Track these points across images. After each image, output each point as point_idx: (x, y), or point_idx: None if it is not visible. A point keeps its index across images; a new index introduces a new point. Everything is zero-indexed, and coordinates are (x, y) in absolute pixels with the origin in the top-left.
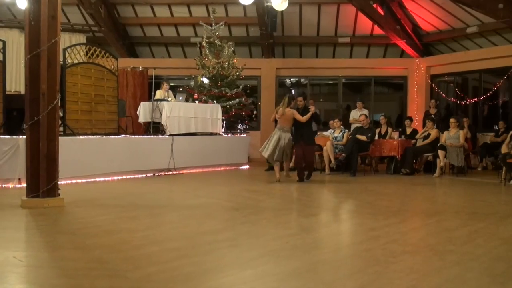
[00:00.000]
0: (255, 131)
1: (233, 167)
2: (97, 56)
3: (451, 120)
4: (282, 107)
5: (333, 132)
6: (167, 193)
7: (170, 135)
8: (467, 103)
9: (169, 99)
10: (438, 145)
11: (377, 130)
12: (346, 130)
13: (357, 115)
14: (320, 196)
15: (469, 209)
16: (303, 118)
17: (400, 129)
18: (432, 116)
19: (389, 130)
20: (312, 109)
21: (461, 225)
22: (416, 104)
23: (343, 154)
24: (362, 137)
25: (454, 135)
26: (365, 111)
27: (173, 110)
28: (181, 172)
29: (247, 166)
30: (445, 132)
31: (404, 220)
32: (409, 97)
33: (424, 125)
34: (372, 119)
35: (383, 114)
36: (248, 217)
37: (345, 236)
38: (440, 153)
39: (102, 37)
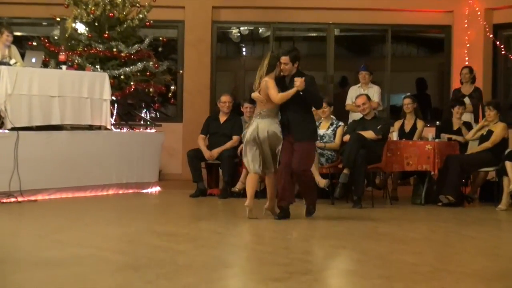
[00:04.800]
0: (174, 122)
1: (131, 190)
2: None
3: None
4: (258, 76)
5: (317, 127)
6: (7, 237)
7: (13, 129)
8: None
9: (12, 61)
10: (506, 152)
11: (397, 124)
12: (341, 124)
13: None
14: (293, 244)
15: None
16: (278, 96)
17: (438, 123)
18: (466, 97)
19: (419, 123)
20: (297, 83)
21: None
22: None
23: (344, 171)
24: (368, 134)
25: None
26: (374, 89)
27: (19, 83)
28: (32, 198)
29: (157, 189)
30: None
31: None
32: (454, 64)
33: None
34: (388, 105)
35: (408, 95)
36: (156, 284)
37: None
38: (509, 167)
39: None
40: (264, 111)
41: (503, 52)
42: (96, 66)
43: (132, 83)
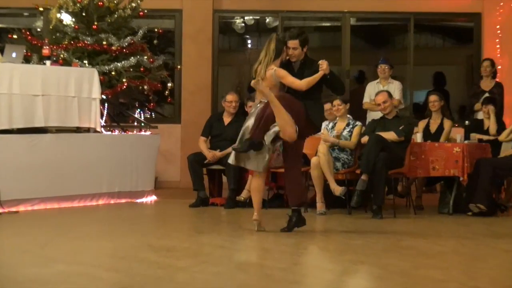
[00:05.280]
0: (171, 124)
1: (124, 200)
2: None
3: None
4: (262, 62)
5: (332, 128)
6: None
7: None
8: None
9: None
10: None
11: (422, 124)
12: (358, 123)
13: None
14: (305, 260)
15: None
16: (299, 82)
17: (467, 122)
18: (486, 93)
19: (446, 123)
20: (323, 66)
21: None
22: (501, 70)
23: (362, 177)
24: (389, 135)
25: None
26: (395, 85)
27: None
28: (13, 209)
29: (153, 198)
30: None
31: None
32: (484, 56)
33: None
34: (410, 102)
35: (433, 90)
36: None
37: None
38: None
39: None
40: (264, 100)
41: None
42: (84, 61)
43: (124, 80)
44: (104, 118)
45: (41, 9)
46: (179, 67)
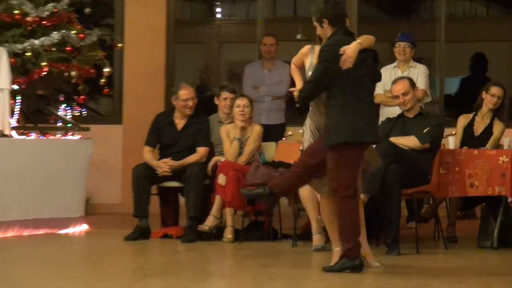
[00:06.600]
0: (109, 124)
1: (42, 231)
2: None
3: None
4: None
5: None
6: None
7: None
8: None
9: None
10: None
11: (463, 121)
12: None
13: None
14: None
15: None
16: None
17: None
18: None
19: (497, 127)
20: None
21: None
22: None
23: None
24: (409, 141)
25: None
26: (418, 70)
27: None
28: None
29: (83, 227)
30: None
31: None
32: None
33: None
34: (441, 94)
35: (496, 82)
36: None
37: None
38: None
39: None
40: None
41: None
42: None
43: (44, 63)
44: (15, 116)
45: None
46: (120, 45)
